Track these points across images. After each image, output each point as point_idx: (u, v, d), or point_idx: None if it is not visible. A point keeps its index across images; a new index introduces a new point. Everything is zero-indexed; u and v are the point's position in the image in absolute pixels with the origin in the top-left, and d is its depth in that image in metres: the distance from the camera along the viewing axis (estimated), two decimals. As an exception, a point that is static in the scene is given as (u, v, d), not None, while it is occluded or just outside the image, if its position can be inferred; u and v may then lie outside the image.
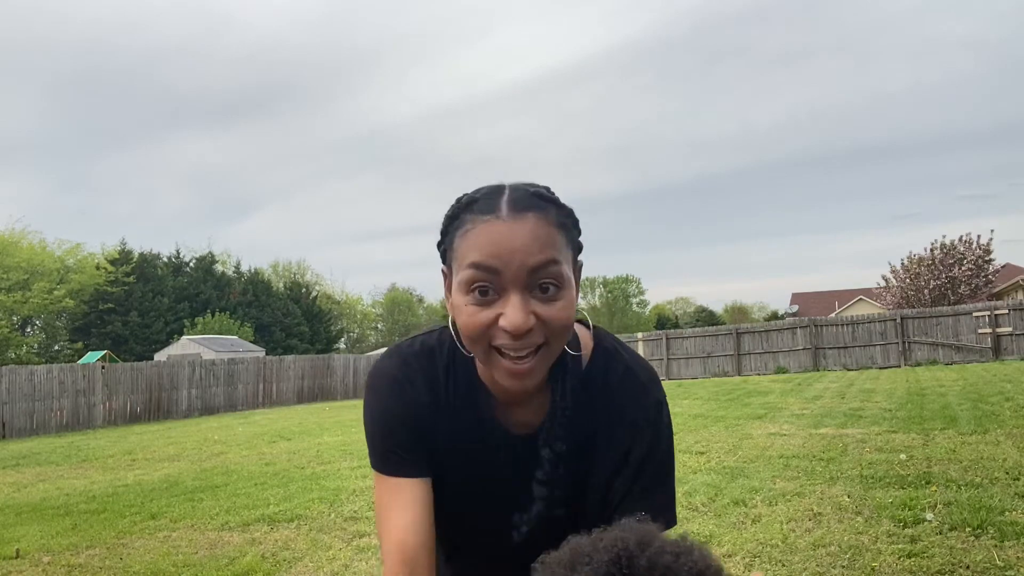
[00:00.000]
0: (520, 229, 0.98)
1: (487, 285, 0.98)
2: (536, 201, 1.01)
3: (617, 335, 1.29)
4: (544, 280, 0.98)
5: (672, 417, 1.20)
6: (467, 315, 1.00)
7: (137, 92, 79.20)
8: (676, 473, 1.19)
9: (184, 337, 34.31)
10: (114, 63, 78.12)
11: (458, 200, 1.06)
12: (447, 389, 1.15)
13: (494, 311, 0.99)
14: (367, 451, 1.17)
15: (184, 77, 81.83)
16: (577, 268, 1.07)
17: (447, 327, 1.15)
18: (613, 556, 0.70)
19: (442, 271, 1.10)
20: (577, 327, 1.18)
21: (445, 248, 1.06)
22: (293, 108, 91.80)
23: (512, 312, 0.97)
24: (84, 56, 75.31)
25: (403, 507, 1.09)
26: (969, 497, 4.73)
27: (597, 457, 1.13)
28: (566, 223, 1.04)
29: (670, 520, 1.10)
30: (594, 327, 1.20)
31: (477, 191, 1.05)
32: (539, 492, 1.13)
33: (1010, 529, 4.02)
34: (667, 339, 26.04)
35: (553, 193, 1.06)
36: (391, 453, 1.13)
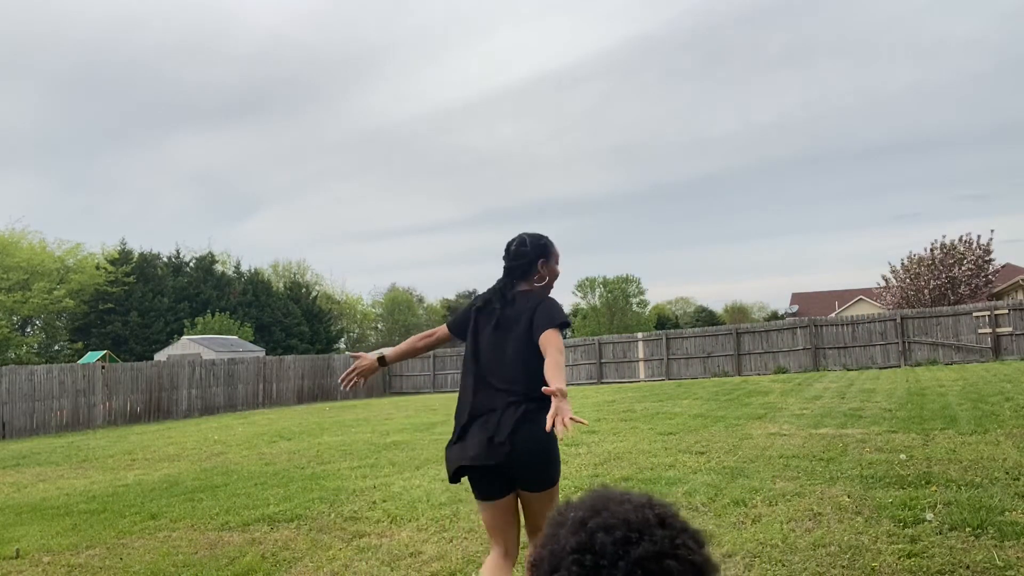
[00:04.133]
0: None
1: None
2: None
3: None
4: None
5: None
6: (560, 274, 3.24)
7: (137, 91, 79.18)
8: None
9: (184, 337, 34.30)
10: (114, 62, 78.10)
11: (546, 238, 3.20)
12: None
13: None
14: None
15: (184, 76, 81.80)
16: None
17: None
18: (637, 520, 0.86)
19: (540, 262, 3.13)
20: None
21: (548, 251, 3.17)
22: (293, 108, 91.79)
23: None
24: (84, 55, 75.29)
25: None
26: (969, 497, 4.74)
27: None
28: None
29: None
30: None
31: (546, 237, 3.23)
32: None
33: (1010, 529, 4.02)
34: (667, 339, 26.04)
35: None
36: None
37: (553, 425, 2.34)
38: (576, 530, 0.87)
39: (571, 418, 2.37)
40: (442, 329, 3.35)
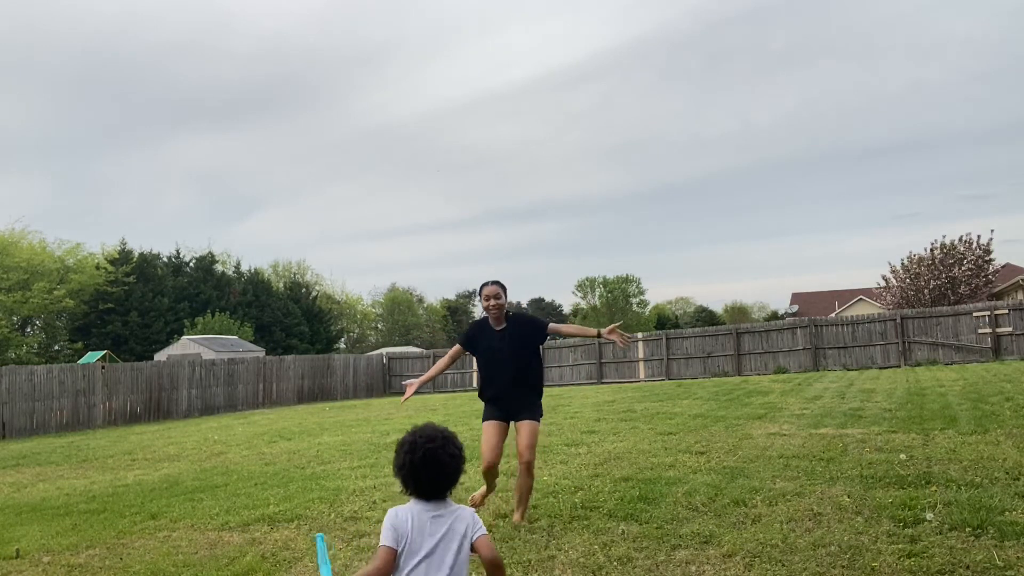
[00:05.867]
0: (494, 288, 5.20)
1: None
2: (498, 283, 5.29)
3: (526, 352, 5.24)
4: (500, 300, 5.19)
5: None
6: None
7: (138, 91, 79.23)
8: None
9: (184, 337, 34.31)
10: (115, 62, 78.12)
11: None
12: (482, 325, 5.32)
13: None
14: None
15: (184, 77, 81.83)
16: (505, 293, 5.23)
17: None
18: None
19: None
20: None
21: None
22: (294, 108, 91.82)
23: None
24: (84, 55, 75.34)
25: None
26: (969, 497, 4.74)
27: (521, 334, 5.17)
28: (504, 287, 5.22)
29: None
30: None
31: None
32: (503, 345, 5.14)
33: (1010, 529, 4.02)
34: (667, 339, 26.04)
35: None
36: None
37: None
38: (410, 434, 2.42)
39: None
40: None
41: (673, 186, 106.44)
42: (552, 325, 5.31)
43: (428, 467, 2.32)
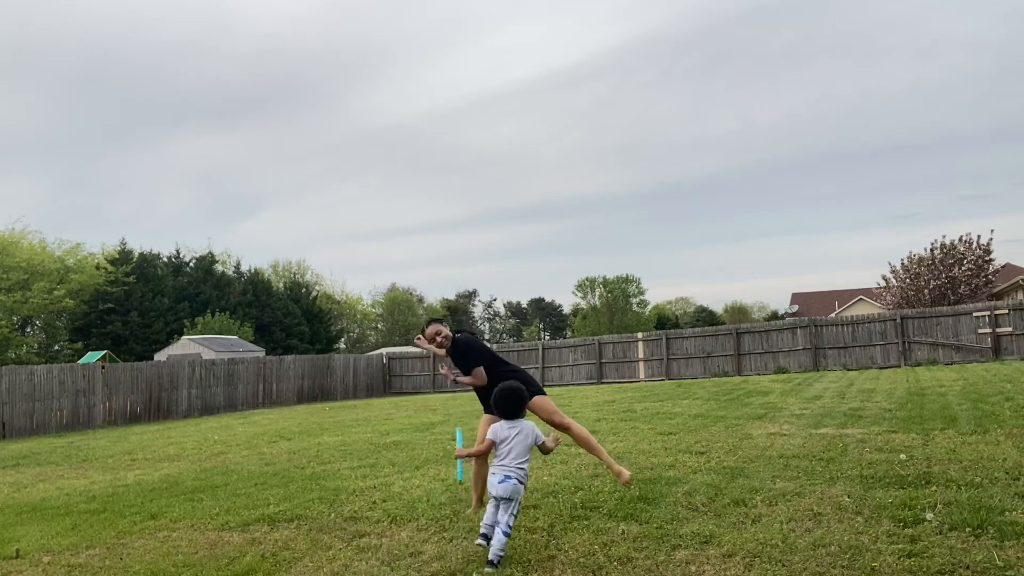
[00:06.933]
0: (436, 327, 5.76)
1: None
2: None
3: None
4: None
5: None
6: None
7: (138, 91, 79.22)
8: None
9: (184, 337, 34.30)
10: (115, 62, 78.13)
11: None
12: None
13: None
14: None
15: (184, 77, 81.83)
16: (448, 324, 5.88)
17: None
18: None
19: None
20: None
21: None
22: (294, 108, 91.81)
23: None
24: (84, 55, 75.32)
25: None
26: (969, 497, 4.74)
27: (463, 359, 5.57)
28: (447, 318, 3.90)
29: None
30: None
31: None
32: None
33: (1010, 529, 4.02)
34: (667, 339, 26.04)
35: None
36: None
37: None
38: (497, 388, 4.73)
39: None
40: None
41: (673, 186, 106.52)
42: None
43: (500, 404, 4.61)
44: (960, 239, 31.39)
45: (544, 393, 5.41)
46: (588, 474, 6.59)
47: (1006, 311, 20.92)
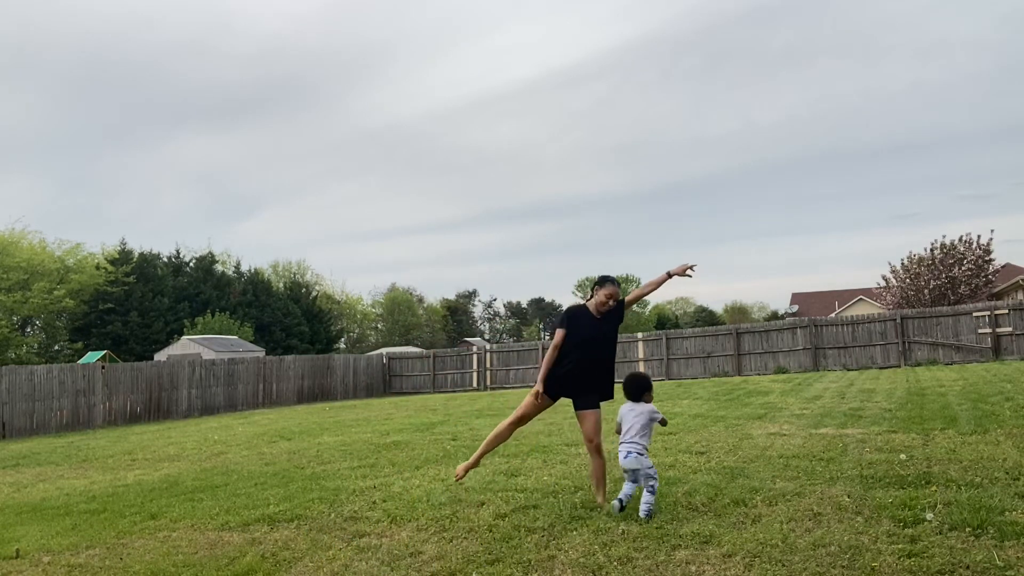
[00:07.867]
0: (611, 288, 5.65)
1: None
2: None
3: (616, 335, 5.86)
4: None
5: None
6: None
7: (138, 91, 79.23)
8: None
9: (184, 337, 34.31)
10: (115, 62, 78.13)
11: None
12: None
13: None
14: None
15: (184, 77, 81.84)
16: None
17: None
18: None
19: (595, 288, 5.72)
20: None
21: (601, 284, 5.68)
22: (295, 107, 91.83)
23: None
24: (84, 55, 75.33)
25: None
26: (969, 497, 4.73)
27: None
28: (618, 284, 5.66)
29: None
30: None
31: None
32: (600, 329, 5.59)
33: (1010, 529, 4.02)
34: (667, 339, 26.04)
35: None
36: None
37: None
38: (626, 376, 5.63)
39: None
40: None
41: (673, 186, 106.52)
42: (627, 299, 5.82)
43: (625, 388, 5.40)
44: (960, 239, 31.40)
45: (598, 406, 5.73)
46: (588, 474, 6.59)
47: (1006, 311, 20.92)
